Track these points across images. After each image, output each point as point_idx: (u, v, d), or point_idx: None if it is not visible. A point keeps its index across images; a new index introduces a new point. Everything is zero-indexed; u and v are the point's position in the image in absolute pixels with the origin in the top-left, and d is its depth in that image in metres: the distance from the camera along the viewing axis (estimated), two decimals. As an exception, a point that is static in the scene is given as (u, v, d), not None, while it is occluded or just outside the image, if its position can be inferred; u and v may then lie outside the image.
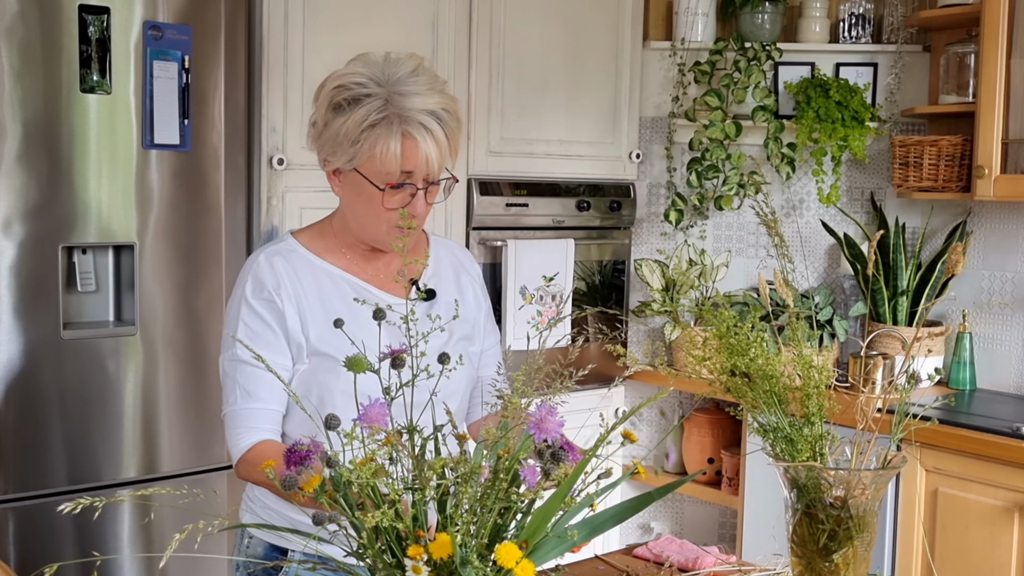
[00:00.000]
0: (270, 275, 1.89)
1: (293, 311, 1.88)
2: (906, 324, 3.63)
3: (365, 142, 1.81)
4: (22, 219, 2.61)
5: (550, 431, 1.24)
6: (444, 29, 3.40)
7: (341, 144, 1.83)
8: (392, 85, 1.82)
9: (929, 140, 3.54)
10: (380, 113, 1.80)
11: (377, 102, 1.81)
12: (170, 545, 1.16)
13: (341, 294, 1.92)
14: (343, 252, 1.97)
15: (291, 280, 1.90)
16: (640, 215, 4.02)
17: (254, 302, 1.88)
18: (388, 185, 1.84)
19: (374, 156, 1.81)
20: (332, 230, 1.99)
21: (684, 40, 3.88)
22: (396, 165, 1.82)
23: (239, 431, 1.87)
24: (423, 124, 1.82)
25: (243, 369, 1.87)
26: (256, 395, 1.87)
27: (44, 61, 2.62)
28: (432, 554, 1.19)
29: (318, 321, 1.89)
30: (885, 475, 1.70)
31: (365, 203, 1.88)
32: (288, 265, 1.91)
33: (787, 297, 1.95)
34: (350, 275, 1.95)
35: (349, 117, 1.81)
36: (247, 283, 1.90)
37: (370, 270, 1.97)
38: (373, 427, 1.19)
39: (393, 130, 1.80)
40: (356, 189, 1.87)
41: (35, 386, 2.66)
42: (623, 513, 1.34)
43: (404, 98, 1.81)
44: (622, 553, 2.21)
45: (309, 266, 1.93)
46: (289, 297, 1.88)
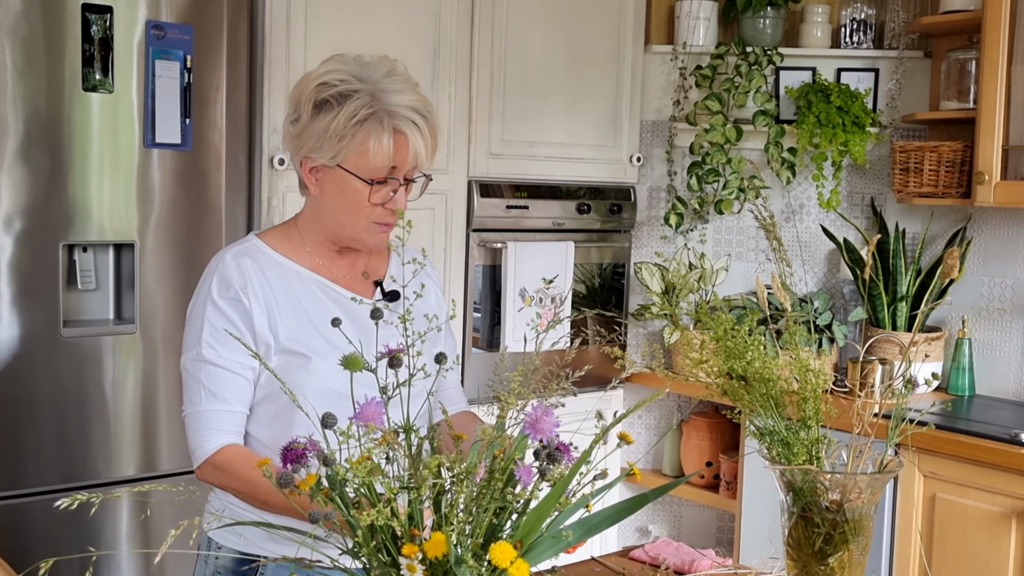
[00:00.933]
0: (237, 274, 1.87)
1: (261, 310, 1.87)
2: (905, 329, 3.63)
3: (354, 137, 1.81)
4: (23, 217, 2.62)
5: (546, 431, 1.24)
6: (446, 31, 3.40)
7: (328, 140, 1.83)
8: (374, 83, 1.84)
9: (930, 146, 3.55)
10: (369, 109, 1.81)
11: (365, 98, 1.82)
12: (165, 541, 1.17)
13: (310, 293, 1.92)
14: (308, 253, 1.96)
15: (258, 279, 1.88)
16: (640, 218, 4.03)
17: (220, 302, 1.86)
18: (375, 180, 1.84)
19: (364, 151, 1.82)
20: (297, 231, 1.98)
21: (686, 44, 3.89)
22: (387, 160, 1.83)
23: (204, 432, 1.84)
24: (412, 120, 1.83)
25: (207, 369, 1.85)
26: (221, 396, 1.85)
27: (47, 59, 2.62)
28: (427, 553, 1.19)
29: (287, 319, 1.88)
30: (881, 479, 1.70)
31: (348, 199, 1.87)
32: (255, 264, 1.89)
33: (785, 301, 1.95)
34: (317, 275, 1.94)
35: (338, 113, 1.81)
36: (212, 282, 1.88)
37: (335, 271, 1.97)
38: (369, 426, 1.19)
39: (384, 126, 1.81)
40: (338, 186, 1.87)
41: (34, 383, 2.67)
42: (619, 514, 1.34)
43: (387, 95, 1.83)
44: (619, 555, 2.21)
45: (276, 266, 1.92)
46: (256, 296, 1.87)
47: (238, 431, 1.87)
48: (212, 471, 1.83)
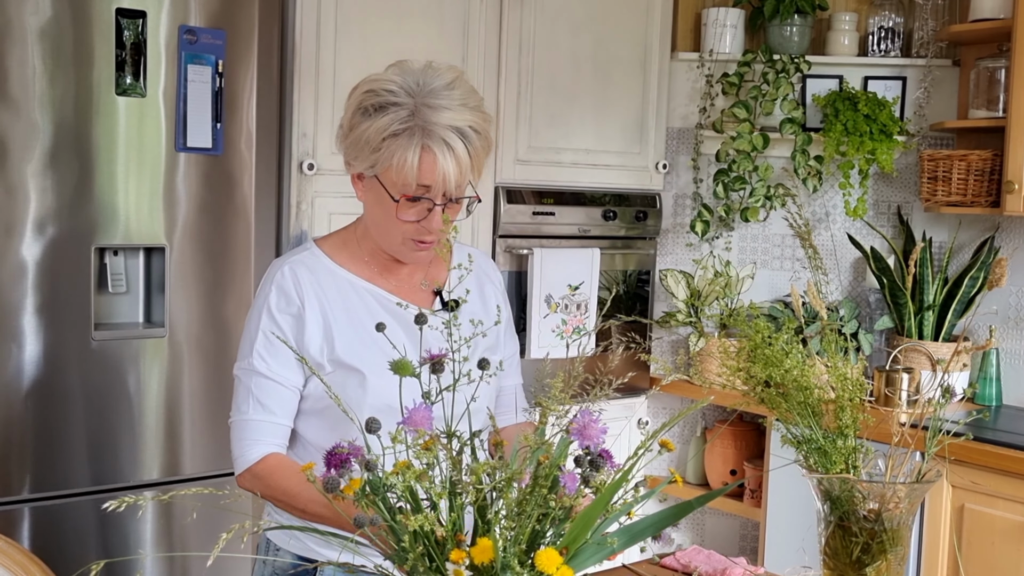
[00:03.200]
0: (294, 286, 1.87)
1: (316, 323, 1.86)
2: (932, 339, 3.61)
3: (385, 151, 1.77)
4: (55, 220, 2.63)
5: (593, 438, 1.24)
6: (474, 37, 3.41)
7: (363, 149, 1.81)
8: (423, 96, 1.78)
9: (958, 154, 3.53)
10: (404, 124, 1.77)
11: (403, 112, 1.77)
12: (217, 544, 1.17)
13: (366, 306, 1.90)
14: (366, 261, 1.94)
15: (315, 291, 1.88)
16: (666, 226, 4.02)
17: (277, 314, 1.86)
18: (404, 197, 1.80)
19: (391, 166, 1.78)
20: (355, 238, 1.96)
21: (712, 52, 3.89)
22: (413, 178, 1.77)
23: (247, 442, 1.85)
24: (445, 140, 1.77)
25: (257, 380, 1.85)
26: (268, 407, 1.85)
27: (79, 64, 2.64)
28: (474, 559, 1.19)
29: (344, 333, 1.87)
30: (920, 489, 1.69)
31: (383, 212, 1.85)
32: (312, 276, 1.89)
33: (820, 308, 1.95)
34: (373, 286, 1.92)
35: (373, 123, 1.78)
36: (271, 293, 1.88)
37: (393, 280, 1.95)
38: (419, 431, 1.19)
39: (414, 142, 1.76)
40: (376, 197, 1.85)
41: (65, 386, 2.68)
42: (663, 521, 1.34)
43: (432, 111, 1.77)
44: (649, 563, 2.21)
45: (333, 277, 1.90)
46: (313, 308, 1.86)
47: (281, 443, 1.87)
48: (252, 479, 1.83)
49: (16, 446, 2.62)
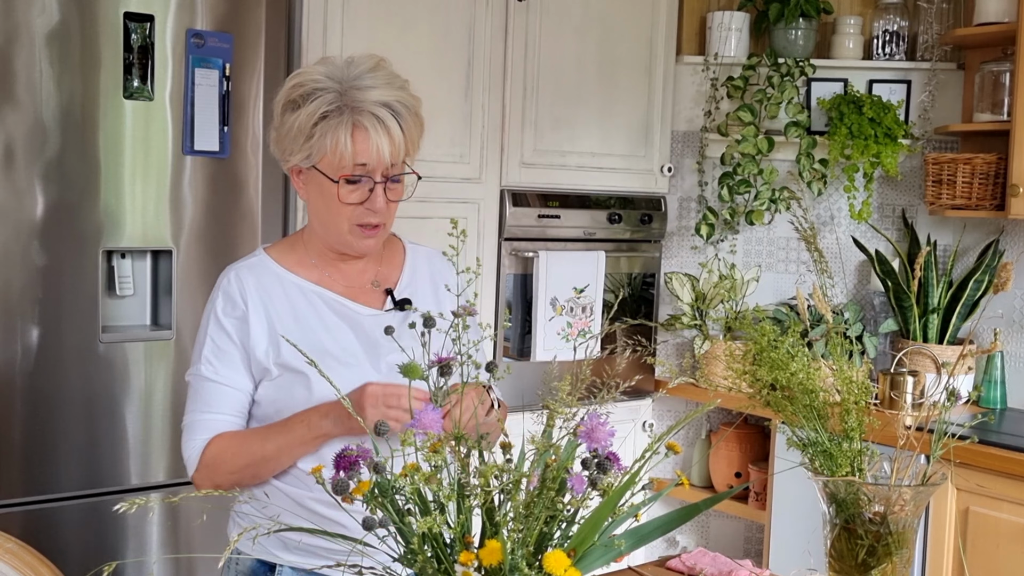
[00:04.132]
0: (239, 291, 1.88)
1: (261, 326, 1.87)
2: (936, 342, 3.62)
3: (318, 136, 1.79)
4: (63, 222, 2.64)
5: (601, 440, 1.25)
6: (480, 41, 3.42)
7: (296, 140, 1.82)
8: (349, 81, 1.82)
9: (963, 158, 3.54)
10: (332, 105, 1.79)
11: (330, 95, 1.80)
12: (229, 545, 1.18)
13: (314, 308, 1.90)
14: (314, 264, 1.94)
15: (260, 296, 1.88)
16: (671, 228, 4.03)
17: (223, 319, 1.88)
18: (342, 178, 1.81)
19: (326, 149, 1.79)
20: (303, 241, 1.97)
21: (717, 55, 3.90)
22: (349, 157, 1.79)
23: (191, 439, 1.87)
24: (375, 114, 1.80)
25: (205, 384, 1.87)
26: (214, 408, 1.87)
27: (87, 67, 2.65)
28: (482, 561, 1.20)
29: (290, 336, 1.84)
30: (925, 491, 1.70)
31: (325, 201, 1.85)
32: (258, 281, 1.89)
33: (826, 312, 1.95)
34: (322, 288, 1.92)
35: (302, 111, 1.80)
36: (218, 299, 1.89)
37: (343, 281, 1.95)
38: (428, 433, 1.20)
39: (344, 120, 1.79)
40: (317, 188, 1.85)
41: (73, 388, 2.69)
42: (670, 523, 1.35)
43: (359, 91, 1.80)
44: (655, 565, 2.21)
45: (279, 281, 1.91)
46: (258, 312, 1.87)
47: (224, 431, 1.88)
48: (205, 473, 1.85)
49: (23, 448, 2.63)
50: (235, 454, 1.84)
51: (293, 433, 1.80)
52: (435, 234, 3.29)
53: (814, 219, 3.93)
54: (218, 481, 1.83)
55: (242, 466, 1.83)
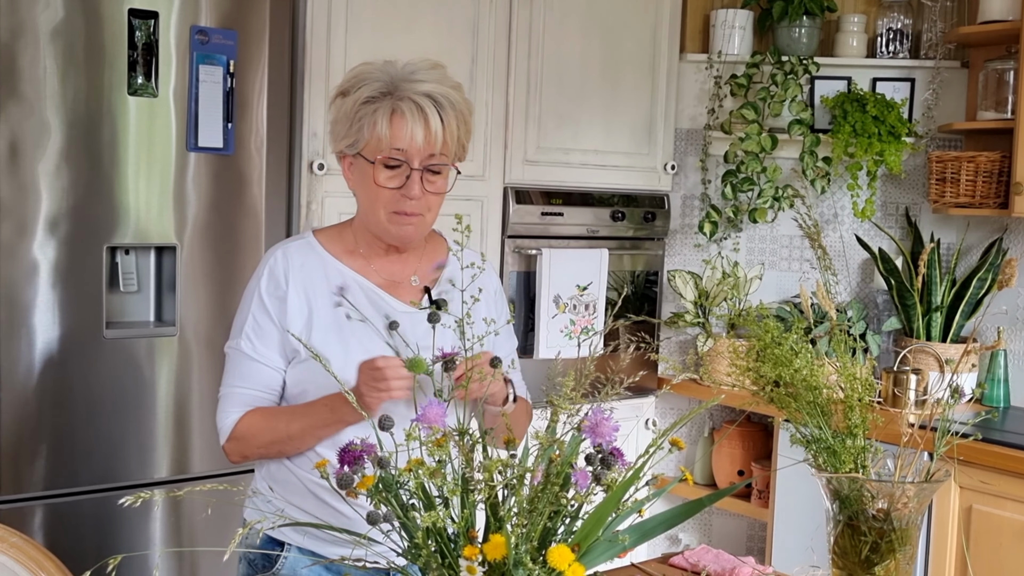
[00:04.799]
0: (283, 271, 1.92)
1: (299, 308, 1.90)
2: (939, 340, 3.62)
3: (361, 119, 1.84)
4: (67, 219, 2.65)
5: (605, 435, 1.25)
6: (484, 38, 3.42)
7: (343, 124, 1.87)
8: (401, 75, 1.86)
9: (967, 156, 3.54)
10: (379, 91, 1.84)
11: (378, 84, 1.84)
12: (233, 540, 1.18)
13: (352, 296, 1.93)
14: (361, 253, 1.97)
15: (302, 278, 1.92)
16: (674, 226, 4.03)
17: (266, 298, 1.92)
18: (380, 160, 1.85)
19: (366, 133, 1.84)
20: (351, 229, 2.00)
21: (721, 53, 3.89)
22: (386, 141, 1.83)
23: (226, 411, 1.93)
24: (416, 102, 1.83)
25: (242, 359, 1.93)
26: (249, 381, 1.93)
27: (91, 64, 2.65)
28: (486, 555, 1.20)
29: (323, 323, 1.91)
30: (929, 488, 1.70)
31: (366, 186, 1.89)
32: (303, 263, 1.93)
33: (829, 309, 1.95)
34: (363, 278, 1.95)
35: (351, 97, 1.85)
36: (263, 276, 1.93)
37: (385, 274, 1.97)
38: (433, 427, 1.20)
39: (384, 105, 1.83)
40: (360, 173, 1.90)
41: (77, 384, 2.69)
42: (674, 519, 1.35)
43: (409, 83, 1.85)
44: (658, 562, 2.21)
45: (323, 265, 1.94)
46: (297, 293, 1.91)
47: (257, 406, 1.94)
48: (235, 445, 1.93)
49: (28, 443, 2.64)
50: (263, 430, 1.90)
51: (317, 416, 1.85)
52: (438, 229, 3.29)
53: (817, 217, 3.93)
54: (246, 453, 1.93)
55: (268, 442, 1.90)
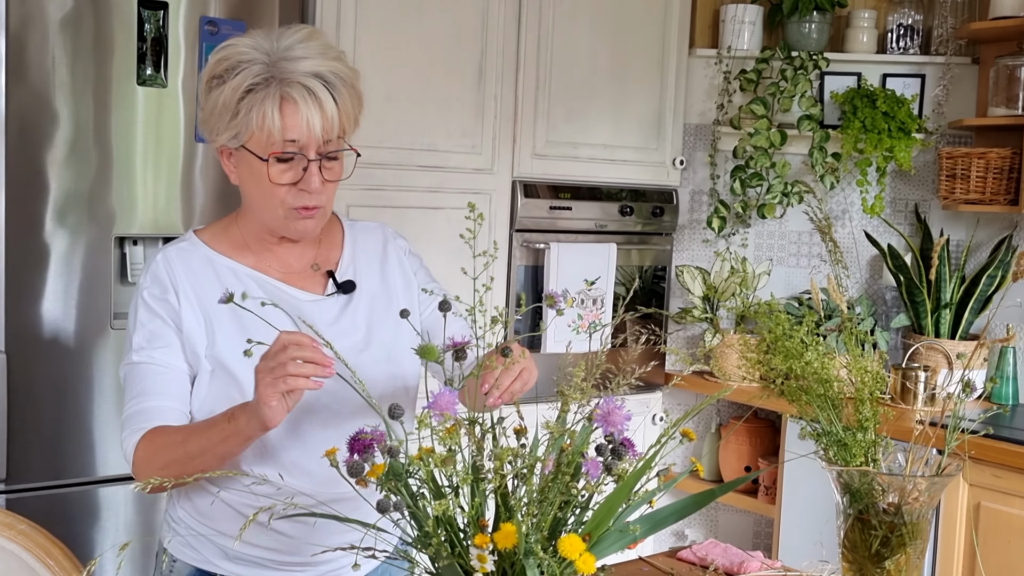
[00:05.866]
0: (168, 275, 1.73)
1: (194, 315, 1.71)
2: (948, 337, 3.61)
3: (244, 111, 1.63)
4: (76, 209, 2.64)
5: (617, 424, 1.25)
6: (493, 32, 3.41)
7: (222, 117, 1.66)
8: (279, 53, 1.65)
9: (977, 152, 3.53)
10: (258, 76, 1.63)
11: (257, 67, 1.64)
12: (243, 526, 1.17)
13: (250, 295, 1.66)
14: (250, 248, 1.79)
15: (191, 283, 1.73)
16: (682, 222, 4.02)
17: (152, 303, 1.72)
18: (272, 155, 1.65)
19: (253, 125, 1.63)
20: (237, 224, 1.81)
21: (730, 48, 3.88)
22: (277, 132, 1.63)
23: (127, 437, 1.67)
24: (305, 86, 1.63)
25: (140, 370, 1.70)
26: (153, 393, 1.68)
27: (101, 55, 2.65)
28: (497, 544, 1.20)
29: (225, 328, 1.70)
30: (940, 482, 1.69)
31: (257, 183, 1.69)
32: (187, 266, 1.74)
33: (840, 302, 1.95)
34: (258, 272, 1.77)
35: (226, 86, 1.64)
36: (146, 283, 1.74)
37: (280, 266, 1.80)
38: (444, 415, 1.19)
39: (271, 93, 1.62)
40: (247, 169, 1.69)
41: (85, 374, 2.69)
42: (685, 509, 1.34)
43: (289, 63, 1.64)
44: (666, 555, 2.21)
45: (211, 265, 1.76)
46: (189, 299, 1.72)
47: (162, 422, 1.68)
48: (141, 474, 1.64)
49: (35, 433, 2.63)
50: (158, 450, 1.63)
51: (214, 428, 1.58)
52: (446, 224, 3.29)
53: (826, 213, 3.91)
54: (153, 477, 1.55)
55: (166, 464, 1.59)
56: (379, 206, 3.18)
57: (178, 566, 1.80)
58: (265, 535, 1.69)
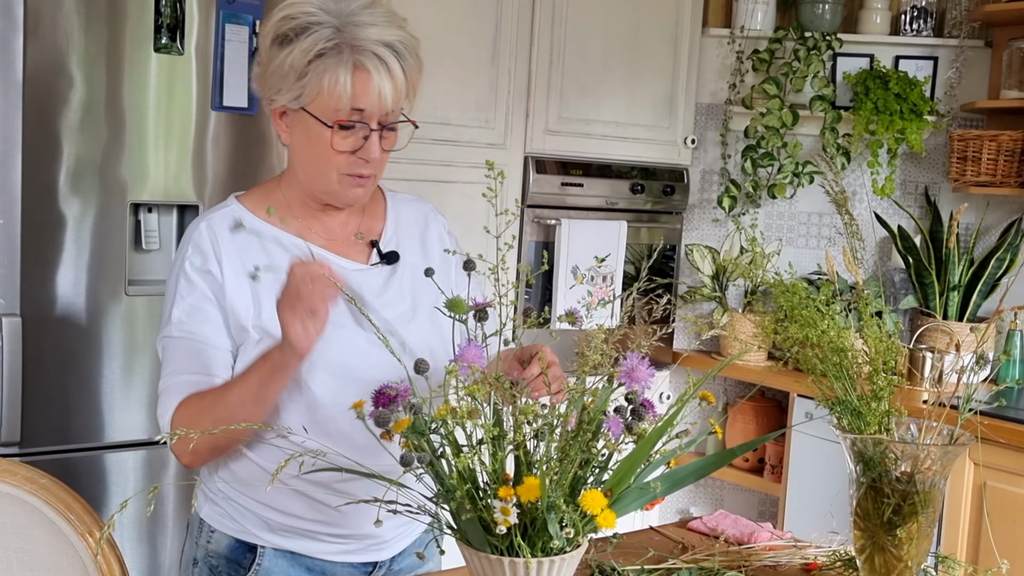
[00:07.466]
0: (210, 243, 1.70)
1: (238, 284, 1.69)
2: (956, 319, 3.62)
3: (313, 74, 1.61)
4: (91, 176, 2.65)
5: (641, 379, 1.26)
6: (507, 7, 3.41)
7: (287, 78, 1.63)
8: (345, 16, 1.63)
9: (989, 135, 3.53)
10: (330, 42, 1.61)
11: (327, 31, 1.61)
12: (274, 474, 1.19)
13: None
14: (293, 214, 1.76)
15: (236, 249, 1.70)
16: (692, 201, 4.03)
17: (193, 274, 1.69)
18: (337, 123, 1.64)
19: (322, 90, 1.62)
20: (280, 189, 1.78)
21: (743, 28, 3.88)
22: (346, 100, 1.62)
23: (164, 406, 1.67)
24: (378, 55, 1.62)
25: (178, 344, 1.68)
26: (191, 368, 1.67)
27: (117, 22, 2.65)
28: (520, 497, 1.21)
29: (270, 296, 1.63)
30: (953, 451, 1.70)
31: (313, 147, 1.67)
32: (231, 234, 1.72)
33: (856, 274, 1.96)
34: (301, 240, 1.74)
35: (296, 47, 1.61)
36: (187, 253, 1.70)
37: (324, 233, 1.77)
38: (472, 367, 1.21)
39: (343, 60, 1.61)
40: (304, 132, 1.67)
41: (100, 340, 2.70)
42: (704, 468, 1.36)
43: (359, 28, 1.62)
44: (676, 526, 2.22)
45: (254, 232, 1.73)
46: (233, 268, 1.69)
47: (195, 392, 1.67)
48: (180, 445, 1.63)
49: (49, 398, 2.65)
50: (198, 413, 1.62)
51: (252, 374, 1.60)
52: (459, 198, 3.30)
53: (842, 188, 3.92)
54: (194, 448, 1.63)
55: (209, 425, 1.57)
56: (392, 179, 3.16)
57: (216, 536, 1.79)
58: (305, 504, 1.71)
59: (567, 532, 1.23)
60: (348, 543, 1.79)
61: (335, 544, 1.79)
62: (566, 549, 1.26)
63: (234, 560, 1.78)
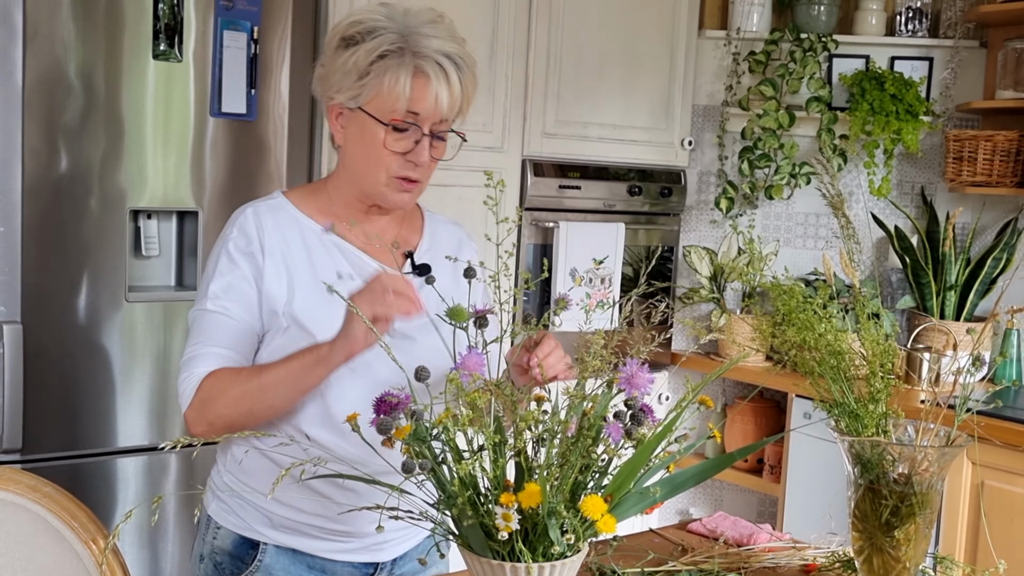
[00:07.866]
0: (256, 229, 1.75)
1: (277, 271, 1.74)
2: (953, 319, 3.63)
3: (374, 74, 1.68)
4: (90, 182, 2.66)
5: (640, 386, 1.27)
6: (505, 10, 3.42)
7: (348, 76, 1.70)
8: (411, 27, 1.71)
9: (984, 135, 3.54)
10: (393, 45, 1.68)
11: (392, 35, 1.69)
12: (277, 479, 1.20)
13: (331, 258, 1.78)
14: (336, 214, 1.81)
15: (279, 240, 1.76)
16: (690, 202, 4.04)
17: (235, 254, 1.74)
18: (392, 122, 1.70)
19: (381, 91, 1.68)
20: (327, 189, 1.84)
21: (739, 29, 3.90)
22: (404, 102, 1.68)
23: (189, 373, 1.70)
24: (439, 63, 1.70)
25: (209, 317, 1.72)
26: (219, 341, 1.71)
27: (116, 29, 2.66)
28: (521, 503, 1.22)
29: (305, 288, 1.73)
30: (950, 453, 1.71)
31: (366, 146, 1.73)
32: (275, 222, 1.77)
33: (852, 277, 1.97)
34: (341, 240, 1.80)
35: (360, 48, 1.69)
36: (232, 234, 1.76)
37: (363, 236, 1.82)
38: (473, 375, 1.22)
39: (405, 62, 1.68)
40: (359, 131, 1.73)
41: (100, 346, 2.71)
42: (703, 473, 1.37)
43: (422, 38, 1.70)
44: (676, 528, 2.24)
45: (298, 227, 1.78)
46: (274, 256, 1.74)
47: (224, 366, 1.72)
48: (198, 409, 1.68)
49: (50, 405, 2.66)
50: (230, 384, 1.67)
51: (294, 359, 1.64)
52: (457, 202, 3.31)
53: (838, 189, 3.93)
54: (211, 418, 1.66)
55: (236, 398, 1.65)
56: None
57: (222, 532, 1.83)
58: (308, 497, 1.73)
59: (568, 537, 1.25)
60: (349, 541, 1.81)
61: (336, 542, 1.80)
62: (567, 554, 1.27)
63: (237, 556, 1.81)
